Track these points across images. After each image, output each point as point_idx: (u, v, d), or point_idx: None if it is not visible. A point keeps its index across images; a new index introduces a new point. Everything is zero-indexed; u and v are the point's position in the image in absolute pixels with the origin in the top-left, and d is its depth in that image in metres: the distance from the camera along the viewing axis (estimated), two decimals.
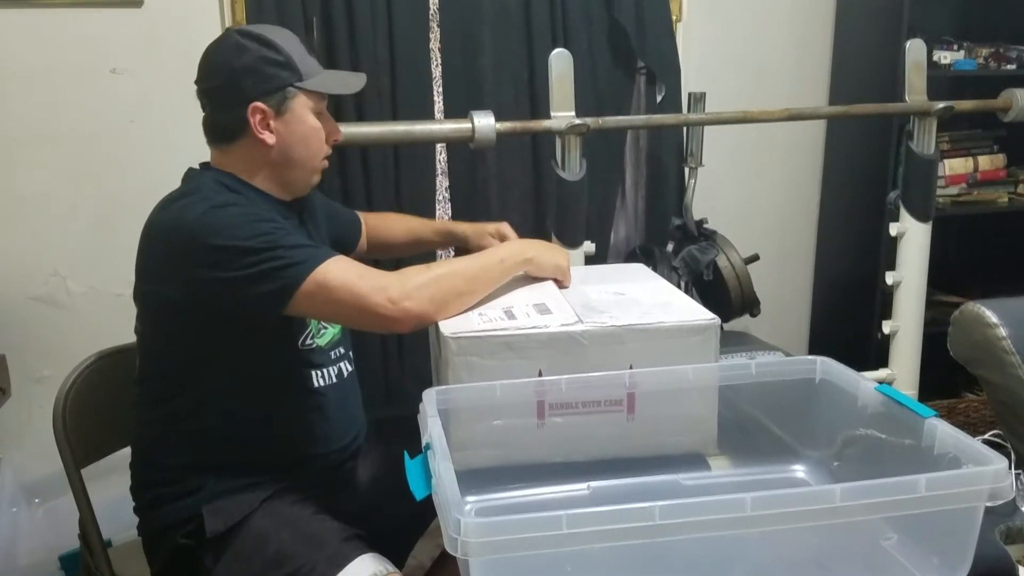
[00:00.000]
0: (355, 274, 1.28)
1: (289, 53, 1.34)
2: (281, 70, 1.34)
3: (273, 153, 1.37)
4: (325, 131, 1.42)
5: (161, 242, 1.30)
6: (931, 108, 2.20)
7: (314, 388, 1.42)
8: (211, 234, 1.25)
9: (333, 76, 1.43)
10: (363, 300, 1.27)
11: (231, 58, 1.34)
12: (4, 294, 2.23)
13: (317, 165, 1.43)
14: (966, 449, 1.05)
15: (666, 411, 1.33)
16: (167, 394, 1.37)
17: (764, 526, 0.93)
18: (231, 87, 1.34)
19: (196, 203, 1.28)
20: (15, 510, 2.14)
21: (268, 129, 1.35)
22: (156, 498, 1.38)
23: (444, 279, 1.32)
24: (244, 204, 1.32)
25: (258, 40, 1.33)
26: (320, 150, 1.42)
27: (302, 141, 1.38)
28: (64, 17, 2.16)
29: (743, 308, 2.39)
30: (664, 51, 2.48)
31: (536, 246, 1.48)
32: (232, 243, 1.24)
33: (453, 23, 2.34)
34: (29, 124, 2.19)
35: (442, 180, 2.45)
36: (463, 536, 0.88)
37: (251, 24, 1.43)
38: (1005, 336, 1.39)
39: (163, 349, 1.38)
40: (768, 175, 2.86)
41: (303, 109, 1.37)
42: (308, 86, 1.36)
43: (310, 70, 1.37)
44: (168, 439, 1.38)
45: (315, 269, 1.25)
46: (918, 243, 2.32)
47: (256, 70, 1.33)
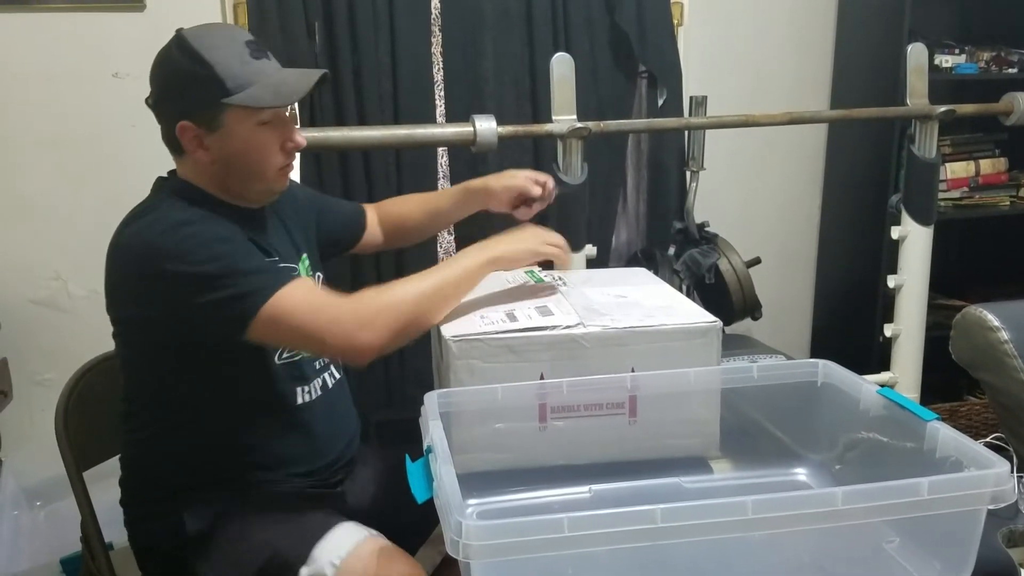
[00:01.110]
0: (310, 307, 1.23)
1: (218, 65, 1.23)
2: (207, 86, 1.23)
3: (215, 168, 1.30)
4: (279, 139, 1.31)
5: (120, 265, 1.27)
6: (932, 112, 2.20)
7: (297, 405, 1.37)
8: (166, 258, 1.20)
9: (269, 86, 1.26)
10: (317, 335, 1.23)
11: (162, 71, 1.28)
12: (6, 297, 2.23)
13: (270, 176, 1.33)
14: (968, 452, 1.05)
15: (668, 414, 1.33)
16: (147, 414, 1.35)
17: (766, 529, 0.93)
18: (161, 102, 1.29)
19: (153, 223, 1.24)
20: (17, 513, 2.14)
21: (202, 146, 1.28)
22: (142, 513, 1.37)
23: (401, 304, 1.27)
24: (201, 221, 1.25)
25: (187, 53, 1.24)
26: (267, 162, 1.31)
27: (240, 157, 1.29)
28: (66, 21, 2.16)
29: (745, 311, 2.39)
30: (665, 55, 2.48)
31: (501, 241, 1.40)
32: (187, 269, 1.19)
33: (455, 27, 2.34)
34: (31, 127, 2.19)
35: (444, 183, 2.45)
36: (465, 539, 0.88)
37: (204, 28, 1.30)
38: (1007, 339, 1.39)
39: (139, 370, 1.35)
40: (769, 178, 2.86)
41: (237, 124, 1.26)
42: (236, 101, 1.24)
43: (245, 80, 1.24)
44: (151, 457, 1.36)
45: (269, 300, 1.20)
46: (920, 246, 2.32)
47: (181, 87, 1.26)
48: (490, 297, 1.47)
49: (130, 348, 1.34)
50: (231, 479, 1.34)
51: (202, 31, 1.28)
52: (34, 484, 2.19)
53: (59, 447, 1.47)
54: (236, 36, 1.29)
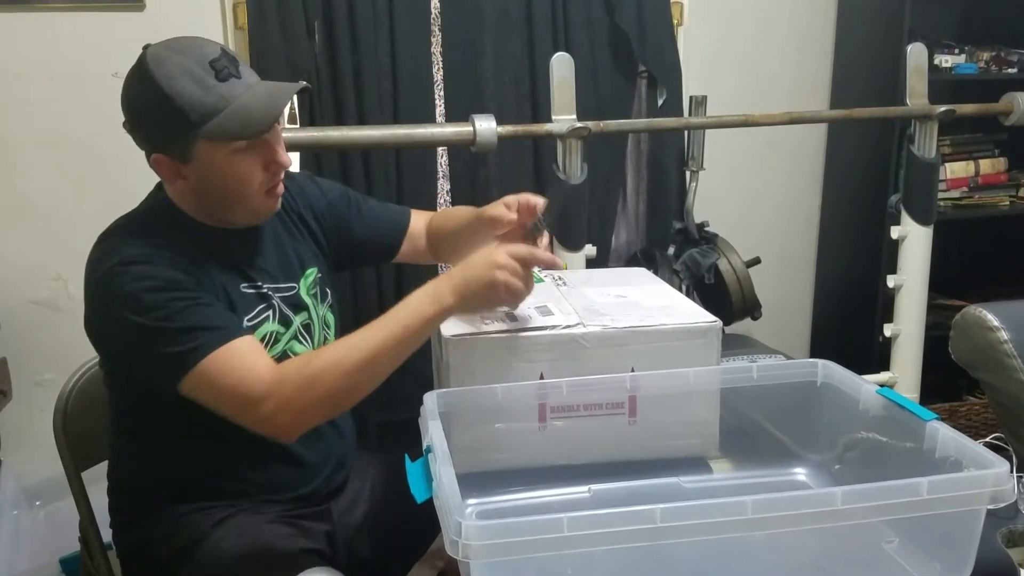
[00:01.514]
0: (231, 380, 1.15)
1: (179, 97, 1.15)
2: (170, 120, 1.16)
3: (196, 196, 1.25)
4: (260, 162, 1.23)
5: (85, 290, 1.24)
6: (932, 112, 2.21)
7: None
8: (112, 299, 1.17)
9: (236, 113, 1.17)
10: (238, 413, 1.17)
11: (128, 101, 1.22)
12: (6, 298, 2.23)
13: (254, 201, 1.25)
14: (968, 452, 1.05)
15: (667, 414, 1.33)
16: (125, 429, 1.33)
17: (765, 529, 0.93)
18: (133, 132, 1.24)
19: (110, 253, 1.20)
20: (16, 513, 2.14)
21: (180, 176, 1.22)
22: (123, 521, 1.35)
23: (325, 377, 1.15)
24: (157, 260, 1.18)
25: (148, 83, 1.16)
26: (248, 188, 1.23)
27: (219, 186, 1.22)
28: (66, 20, 2.16)
29: (744, 311, 2.39)
30: (665, 55, 2.48)
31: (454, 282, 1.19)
32: (126, 316, 1.15)
33: (454, 27, 2.34)
34: (31, 127, 2.19)
35: (443, 183, 2.45)
36: (464, 539, 0.88)
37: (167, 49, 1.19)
38: (1006, 339, 1.39)
39: (114, 387, 1.33)
40: (769, 178, 2.86)
41: (210, 154, 1.19)
42: (202, 134, 1.16)
43: (210, 109, 1.15)
44: (129, 471, 1.35)
45: (200, 362, 1.14)
46: (919, 246, 2.32)
47: (146, 121, 1.21)
48: None
49: (104, 368, 1.33)
50: (205, 503, 1.29)
51: (163, 54, 1.18)
52: (33, 484, 2.19)
53: (58, 447, 1.47)
54: (200, 56, 1.17)
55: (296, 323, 1.35)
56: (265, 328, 1.30)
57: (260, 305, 1.30)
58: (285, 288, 1.34)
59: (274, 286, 1.33)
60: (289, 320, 1.33)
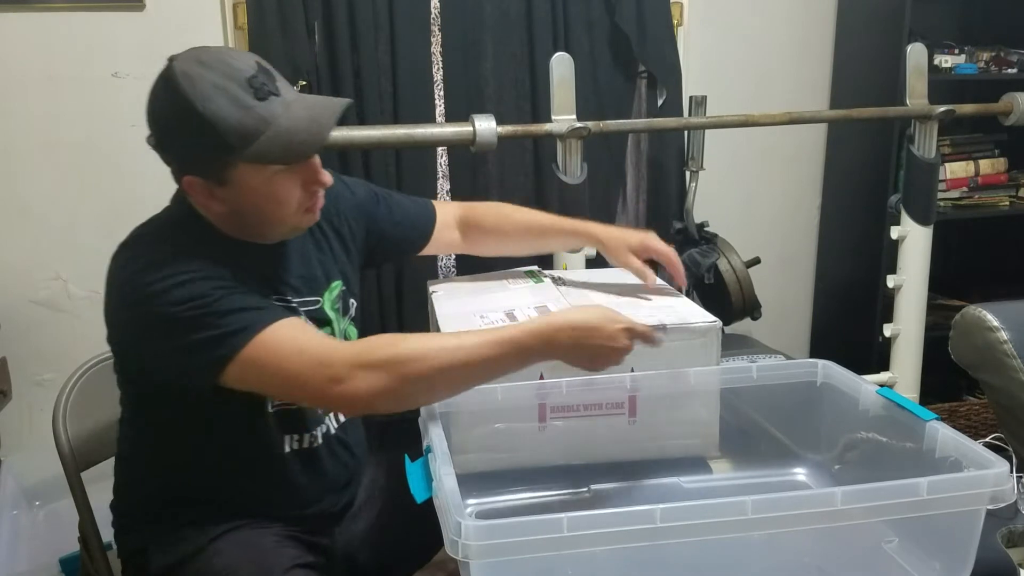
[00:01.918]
0: (295, 347, 1.09)
1: (218, 121, 1.07)
2: (207, 145, 1.09)
3: (228, 216, 1.18)
4: (299, 181, 1.17)
5: (108, 299, 1.18)
6: (932, 112, 2.21)
7: (283, 453, 1.27)
8: (141, 300, 1.10)
9: (279, 137, 1.10)
10: (298, 378, 1.09)
11: (157, 120, 1.13)
12: (6, 298, 2.23)
13: (291, 220, 1.20)
14: (967, 452, 1.05)
15: (667, 414, 1.33)
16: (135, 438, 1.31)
17: (765, 529, 0.93)
18: (163, 152, 1.16)
19: (135, 257, 1.15)
20: (16, 513, 2.13)
21: (213, 198, 1.15)
22: (126, 525, 1.33)
23: (411, 365, 1.08)
24: (187, 259, 1.12)
25: (180, 104, 1.08)
26: (286, 208, 1.18)
27: (255, 208, 1.17)
28: (66, 20, 2.16)
29: (744, 311, 2.39)
30: (665, 55, 2.48)
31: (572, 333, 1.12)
32: (160, 310, 1.09)
33: (454, 27, 2.34)
34: (30, 127, 2.19)
35: (443, 183, 2.45)
36: (464, 539, 0.88)
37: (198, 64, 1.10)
38: (1006, 340, 1.39)
39: (124, 393, 1.29)
40: (769, 178, 2.86)
41: (248, 177, 1.13)
42: (243, 159, 1.10)
43: (251, 132, 1.09)
44: (131, 475, 1.32)
45: (251, 340, 1.08)
46: (919, 247, 2.32)
47: (179, 144, 1.13)
48: (490, 297, 1.47)
49: (119, 375, 1.28)
50: (206, 516, 1.25)
51: (195, 70, 1.09)
52: (33, 484, 2.19)
53: (57, 447, 1.47)
54: (235, 72, 1.10)
55: None
56: None
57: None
58: (310, 302, 1.30)
59: (300, 300, 1.28)
60: None
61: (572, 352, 1.14)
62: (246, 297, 1.13)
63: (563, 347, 1.12)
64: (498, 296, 1.48)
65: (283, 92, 1.14)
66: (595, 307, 1.18)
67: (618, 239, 1.49)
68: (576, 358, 1.15)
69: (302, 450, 1.28)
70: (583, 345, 1.13)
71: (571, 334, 1.12)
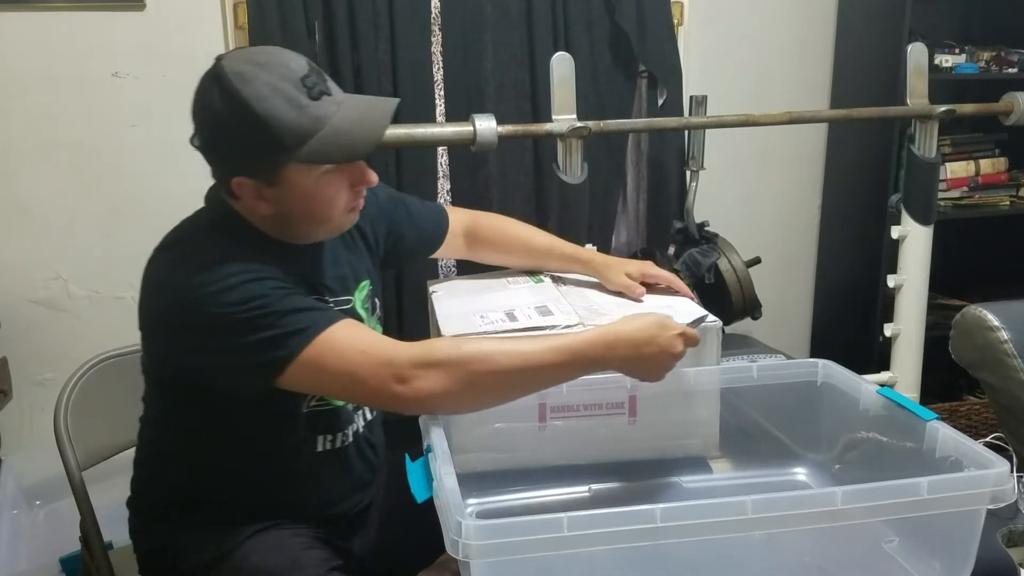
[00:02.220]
0: (357, 347, 1.10)
1: (272, 120, 1.08)
2: (261, 144, 1.09)
3: (275, 218, 1.18)
4: (347, 181, 1.18)
5: (150, 302, 1.17)
6: (932, 111, 2.20)
7: (316, 452, 1.28)
8: (198, 301, 1.09)
9: (333, 136, 1.11)
10: (361, 378, 1.09)
11: (207, 120, 1.13)
12: (6, 297, 2.23)
13: (336, 220, 1.21)
14: (968, 452, 1.05)
15: (668, 414, 1.33)
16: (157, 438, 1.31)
17: (765, 529, 0.94)
18: (210, 152, 1.16)
19: (185, 259, 1.13)
20: (16, 512, 2.14)
21: (261, 198, 1.15)
22: (148, 523, 1.33)
23: (476, 366, 1.10)
24: (239, 258, 1.12)
25: (234, 103, 1.08)
26: (334, 208, 1.19)
27: (303, 208, 1.17)
28: (66, 20, 2.16)
29: (744, 311, 2.38)
30: (665, 55, 2.48)
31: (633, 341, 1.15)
32: (219, 311, 1.08)
33: (455, 27, 2.34)
34: (30, 127, 2.19)
35: (443, 183, 2.45)
36: (464, 538, 0.88)
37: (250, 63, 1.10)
38: (1006, 339, 1.39)
39: (152, 398, 1.29)
40: (769, 178, 2.86)
41: (300, 177, 1.13)
42: (297, 159, 1.10)
43: (305, 131, 1.09)
44: (158, 475, 1.31)
45: (312, 340, 1.08)
46: (920, 246, 2.32)
47: (231, 144, 1.12)
48: (490, 296, 1.47)
49: (148, 375, 1.27)
50: (240, 506, 1.25)
51: (248, 68, 1.09)
52: (33, 484, 2.19)
53: (58, 447, 1.47)
54: (287, 72, 1.10)
55: None
56: None
57: None
58: (343, 301, 1.31)
59: (335, 299, 1.29)
60: None
61: (629, 363, 1.16)
62: (302, 298, 1.14)
63: (620, 357, 1.15)
64: (498, 296, 1.48)
65: (334, 92, 1.14)
66: (649, 315, 1.20)
67: (616, 264, 1.53)
68: (633, 368, 1.18)
69: (334, 450, 1.29)
70: (640, 355, 1.15)
71: (629, 344, 1.14)
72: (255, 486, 1.27)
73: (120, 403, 1.47)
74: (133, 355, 1.54)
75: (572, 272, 1.58)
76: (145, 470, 1.34)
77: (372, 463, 1.38)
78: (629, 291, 1.48)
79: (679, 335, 1.18)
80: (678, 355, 1.18)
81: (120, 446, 1.58)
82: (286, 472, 1.27)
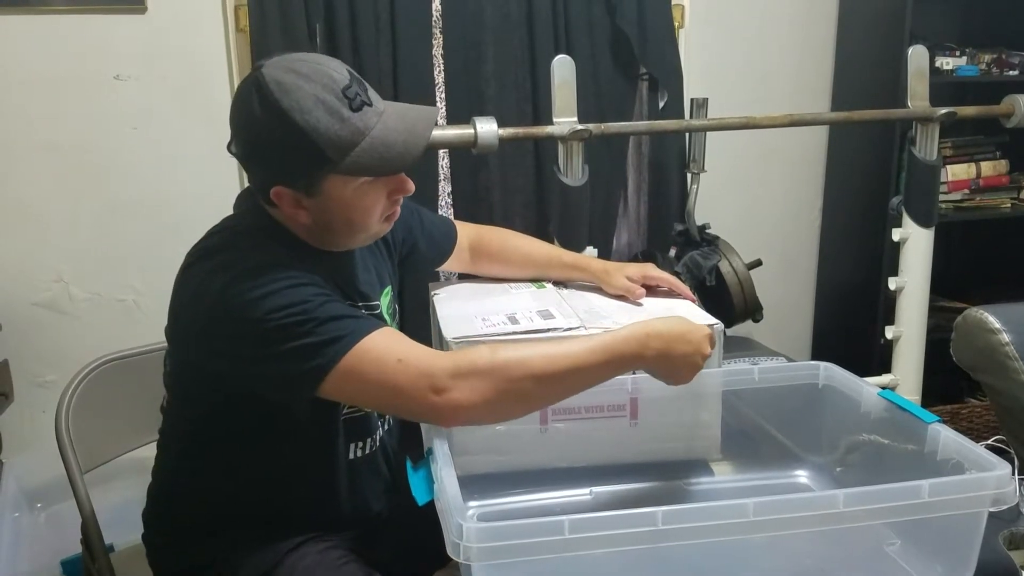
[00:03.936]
0: (395, 357, 1.07)
1: (314, 132, 1.07)
2: (303, 156, 1.09)
3: (312, 226, 1.18)
4: (386, 190, 1.18)
5: (186, 312, 1.14)
6: (933, 114, 2.20)
7: (349, 460, 1.28)
8: (237, 308, 1.07)
9: (375, 148, 1.11)
10: (401, 388, 1.06)
11: (247, 129, 1.12)
12: (8, 300, 2.23)
13: (374, 228, 1.21)
14: (969, 455, 1.05)
15: (669, 416, 1.33)
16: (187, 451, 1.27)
17: (767, 532, 0.93)
18: (250, 162, 1.16)
19: (224, 267, 1.11)
20: (17, 515, 2.13)
21: (300, 207, 1.14)
22: (171, 542, 1.30)
23: (512, 371, 1.07)
24: (280, 265, 1.10)
25: (275, 115, 1.07)
26: (372, 217, 1.19)
27: (342, 218, 1.16)
28: (67, 22, 2.16)
29: (746, 313, 2.39)
30: (666, 57, 2.48)
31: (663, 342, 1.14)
32: (260, 317, 1.06)
33: (456, 30, 2.34)
34: (32, 130, 2.20)
35: (444, 185, 2.45)
36: (466, 541, 0.88)
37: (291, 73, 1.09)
38: (1008, 342, 1.39)
39: (180, 408, 1.26)
40: (770, 181, 2.86)
41: (340, 188, 1.13)
42: (339, 171, 1.10)
43: (347, 143, 1.09)
44: (186, 490, 1.29)
45: (351, 349, 1.06)
46: (921, 249, 2.32)
47: (272, 154, 1.11)
48: (491, 300, 1.47)
49: (177, 387, 1.25)
50: (270, 519, 1.24)
51: (289, 78, 1.08)
52: (35, 486, 2.19)
53: (60, 449, 1.47)
54: (330, 82, 1.09)
55: None
56: None
57: None
58: (372, 307, 1.31)
59: (365, 304, 1.29)
60: None
61: (662, 360, 1.15)
62: (341, 305, 1.12)
63: (652, 356, 1.13)
64: (500, 299, 1.48)
65: (375, 102, 1.14)
66: (677, 317, 1.19)
67: (616, 269, 1.53)
68: (665, 366, 1.16)
69: (364, 456, 1.30)
70: (673, 352, 1.14)
71: (663, 340, 1.14)
72: (292, 498, 1.25)
73: (122, 405, 1.47)
74: (135, 357, 1.55)
75: (574, 280, 1.59)
76: (167, 488, 1.31)
77: (393, 466, 1.38)
78: (629, 293, 1.49)
79: (708, 336, 1.18)
80: (707, 355, 1.18)
81: (122, 448, 1.58)
82: (322, 482, 1.26)
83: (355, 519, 1.31)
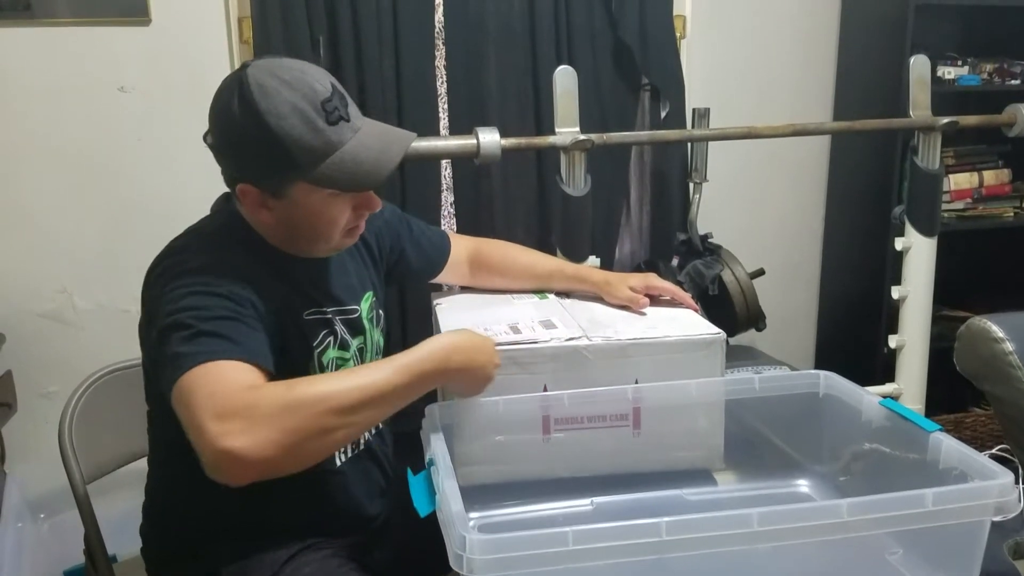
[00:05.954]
0: (208, 391, 0.98)
1: (288, 139, 1.08)
2: (274, 160, 1.10)
3: (277, 227, 1.20)
4: (351, 203, 1.18)
5: (143, 305, 1.17)
6: (935, 123, 2.21)
7: (336, 466, 1.28)
8: (154, 299, 1.11)
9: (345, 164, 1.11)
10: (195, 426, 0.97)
11: (222, 127, 1.14)
12: (11, 310, 2.24)
13: (336, 239, 1.21)
14: (972, 463, 1.05)
15: (671, 426, 1.33)
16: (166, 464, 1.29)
17: (771, 542, 0.93)
18: (221, 154, 1.16)
19: (171, 265, 1.13)
20: (20, 525, 2.13)
21: (265, 207, 1.16)
22: (168, 557, 1.31)
23: (305, 409, 0.98)
24: (217, 268, 1.11)
25: (252, 117, 1.08)
26: (335, 227, 1.19)
27: (306, 224, 1.18)
28: (71, 35, 2.17)
29: (748, 322, 2.38)
30: (668, 67, 2.49)
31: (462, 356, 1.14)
32: (166, 310, 1.07)
33: (458, 41, 2.35)
34: (37, 141, 2.20)
35: (447, 196, 2.45)
36: (468, 553, 0.88)
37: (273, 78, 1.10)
38: (1011, 351, 1.38)
39: (157, 412, 1.26)
40: (773, 190, 2.86)
41: (305, 195, 1.14)
42: (307, 180, 1.11)
43: (318, 154, 1.10)
44: (171, 506, 1.30)
45: (188, 370, 1.00)
46: (923, 258, 2.31)
47: (244, 154, 1.13)
48: (494, 310, 1.48)
49: (149, 398, 1.26)
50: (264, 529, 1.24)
51: (272, 84, 1.09)
52: (38, 496, 2.19)
53: (63, 459, 1.47)
54: (310, 93, 1.10)
55: (353, 347, 1.31)
56: (329, 354, 1.26)
57: (323, 331, 1.26)
58: (349, 311, 1.31)
59: (338, 309, 1.29)
60: (348, 345, 1.30)
61: (460, 374, 1.16)
62: (241, 327, 1.07)
63: (455, 370, 1.14)
64: (502, 310, 1.49)
65: (352, 118, 1.15)
66: (465, 329, 1.21)
67: (619, 279, 1.53)
68: (467, 376, 1.17)
69: (351, 458, 1.31)
70: (471, 365, 1.16)
71: (462, 355, 1.15)
72: (278, 508, 1.24)
73: (125, 416, 1.47)
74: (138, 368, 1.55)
75: (576, 291, 1.59)
76: (161, 503, 1.32)
77: (386, 469, 1.40)
78: (633, 304, 1.49)
79: (495, 346, 1.22)
80: (498, 365, 1.21)
81: (125, 459, 1.58)
82: (308, 489, 1.25)
83: (351, 525, 1.31)
